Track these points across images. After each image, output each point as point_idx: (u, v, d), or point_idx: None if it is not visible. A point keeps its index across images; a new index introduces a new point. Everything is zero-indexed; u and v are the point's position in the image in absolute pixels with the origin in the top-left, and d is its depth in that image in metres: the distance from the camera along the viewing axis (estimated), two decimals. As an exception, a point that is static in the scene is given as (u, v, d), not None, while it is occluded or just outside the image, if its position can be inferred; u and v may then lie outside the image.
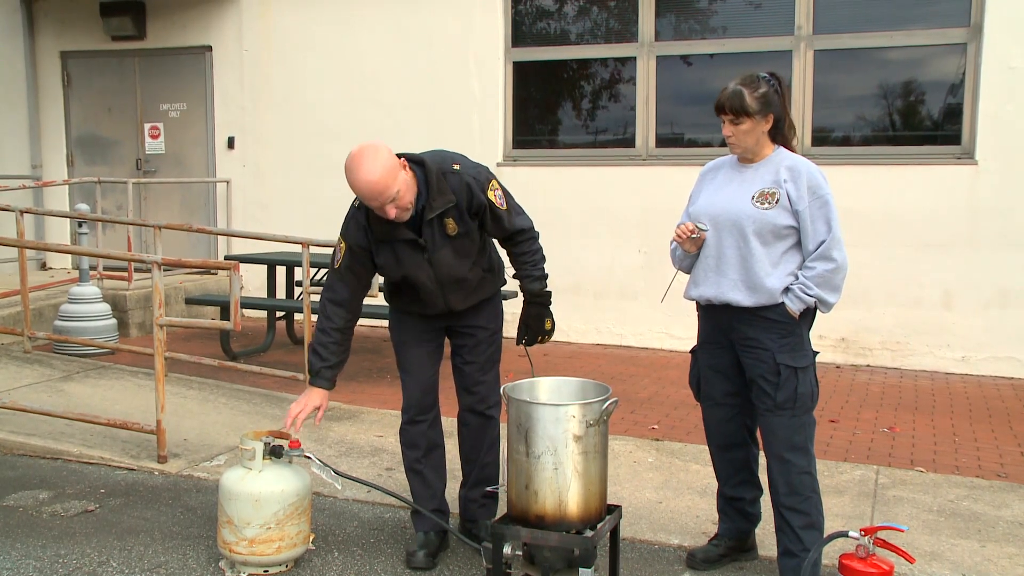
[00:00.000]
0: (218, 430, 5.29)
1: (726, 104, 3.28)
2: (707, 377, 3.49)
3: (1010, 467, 4.82)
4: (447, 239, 3.33)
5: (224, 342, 7.18)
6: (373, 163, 3.09)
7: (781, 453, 3.27)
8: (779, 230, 3.23)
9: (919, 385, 6.73)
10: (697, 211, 3.44)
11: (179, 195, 9.70)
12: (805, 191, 3.22)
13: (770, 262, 3.24)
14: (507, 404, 2.95)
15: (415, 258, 3.34)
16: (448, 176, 3.31)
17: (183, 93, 9.55)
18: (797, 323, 3.25)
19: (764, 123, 3.28)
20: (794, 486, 3.26)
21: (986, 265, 7.01)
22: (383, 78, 8.53)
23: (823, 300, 3.22)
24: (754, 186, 3.30)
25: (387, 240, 3.33)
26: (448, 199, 3.27)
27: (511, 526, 2.92)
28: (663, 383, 6.68)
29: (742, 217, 3.26)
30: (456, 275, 3.40)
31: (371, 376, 6.79)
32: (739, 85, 3.30)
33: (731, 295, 3.29)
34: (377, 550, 3.74)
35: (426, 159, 3.31)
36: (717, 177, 3.47)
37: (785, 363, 3.22)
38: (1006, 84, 6.91)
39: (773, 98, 3.29)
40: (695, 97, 8.05)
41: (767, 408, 3.27)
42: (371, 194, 3.11)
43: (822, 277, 3.20)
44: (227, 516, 3.42)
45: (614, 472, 4.54)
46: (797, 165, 3.27)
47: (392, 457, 4.84)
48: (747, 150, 3.33)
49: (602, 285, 7.95)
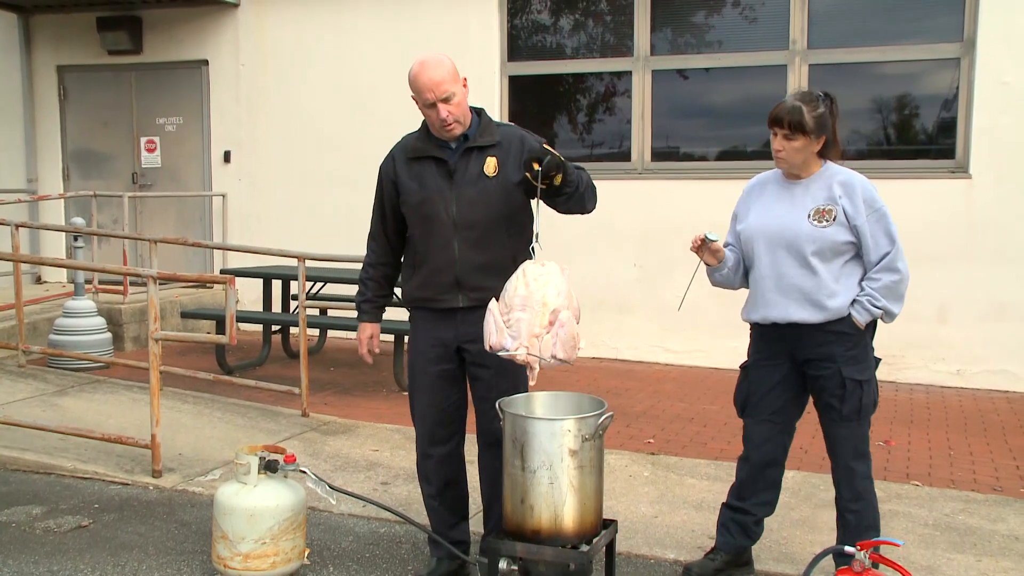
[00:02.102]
0: (213, 444, 5.28)
1: (785, 118, 3.26)
2: (757, 394, 3.48)
3: (1005, 481, 4.82)
4: (482, 178, 3.28)
5: (220, 356, 7.17)
6: (437, 63, 3.21)
7: (847, 462, 3.36)
8: (838, 247, 3.27)
9: (914, 399, 6.73)
10: (749, 231, 3.43)
11: (175, 209, 9.71)
12: (862, 205, 3.25)
13: (832, 278, 3.28)
14: (503, 418, 2.95)
15: (439, 184, 3.29)
16: (501, 125, 3.41)
17: (179, 107, 9.57)
18: (863, 334, 3.30)
19: (816, 143, 3.29)
20: (858, 492, 3.37)
21: (981, 279, 7.03)
22: (380, 92, 8.56)
23: (888, 311, 3.28)
24: (808, 204, 3.30)
25: (419, 157, 3.34)
26: (493, 138, 3.31)
27: (506, 541, 2.92)
28: (659, 397, 6.68)
29: (799, 237, 3.28)
30: (476, 220, 3.26)
31: (367, 390, 6.79)
32: (798, 101, 3.27)
33: (798, 314, 3.30)
34: (372, 565, 3.73)
35: (484, 111, 3.43)
36: (764, 194, 3.46)
37: (851, 376, 3.28)
38: (999, 99, 6.95)
39: (827, 120, 3.29)
40: (691, 111, 8.09)
41: (833, 419, 3.35)
42: (430, 84, 3.18)
43: (888, 288, 3.25)
44: (222, 531, 3.42)
45: (610, 486, 4.53)
46: (850, 180, 3.30)
47: (388, 471, 4.84)
48: (794, 166, 3.34)
49: (598, 298, 7.95)
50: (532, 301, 2.89)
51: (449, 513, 3.52)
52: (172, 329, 8.06)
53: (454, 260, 3.29)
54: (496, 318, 2.90)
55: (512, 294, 2.93)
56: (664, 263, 7.87)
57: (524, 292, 2.91)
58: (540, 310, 2.88)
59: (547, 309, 2.88)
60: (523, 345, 2.85)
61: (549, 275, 2.94)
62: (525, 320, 2.87)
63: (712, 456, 5.19)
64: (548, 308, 2.88)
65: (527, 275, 2.95)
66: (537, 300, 2.89)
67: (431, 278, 3.35)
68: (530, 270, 2.96)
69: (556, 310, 2.86)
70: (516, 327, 2.87)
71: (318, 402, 6.27)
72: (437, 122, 3.24)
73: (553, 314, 2.86)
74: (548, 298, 2.89)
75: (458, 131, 3.28)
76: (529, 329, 2.86)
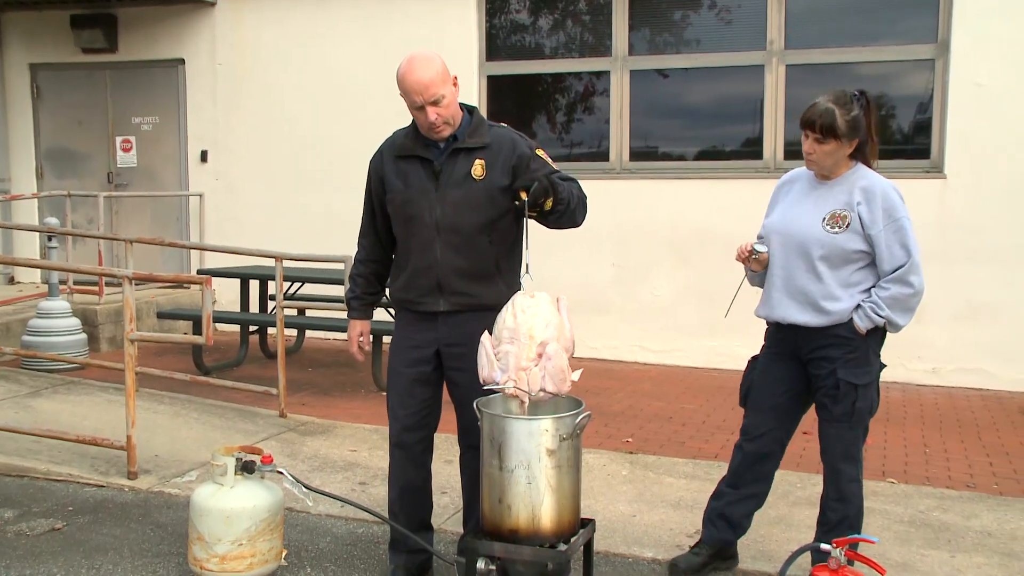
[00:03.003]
0: (189, 445, 5.25)
1: (817, 121, 3.18)
2: (760, 385, 3.51)
3: (979, 477, 4.87)
4: (468, 180, 3.21)
5: (197, 357, 7.13)
6: (427, 63, 3.13)
7: (835, 462, 3.37)
8: (848, 255, 3.23)
9: (890, 397, 6.78)
10: (770, 227, 3.43)
11: (151, 209, 9.64)
12: (880, 214, 3.19)
13: (839, 285, 3.25)
14: (480, 418, 2.95)
15: (424, 184, 3.24)
16: (492, 126, 3.32)
17: (155, 106, 9.50)
18: (864, 340, 3.27)
19: (848, 147, 3.23)
20: (843, 493, 3.37)
21: (955, 279, 7.09)
22: (358, 92, 8.53)
23: (893, 322, 3.24)
24: (826, 206, 3.26)
25: (406, 155, 3.29)
26: (483, 140, 3.24)
27: (484, 540, 2.92)
28: (637, 396, 6.70)
29: (809, 241, 3.25)
30: (459, 224, 3.21)
31: (345, 390, 6.77)
32: (831, 103, 3.18)
33: (798, 317, 3.30)
34: (350, 566, 3.72)
35: (477, 109, 3.36)
36: (792, 191, 3.43)
37: (845, 379, 3.26)
38: (974, 100, 7.02)
39: (861, 123, 3.21)
40: (669, 111, 8.12)
41: (824, 419, 3.36)
42: (418, 87, 3.10)
43: (895, 299, 3.22)
44: (198, 532, 3.39)
45: (588, 485, 4.54)
46: (872, 186, 3.23)
47: (366, 472, 4.82)
48: (824, 168, 3.29)
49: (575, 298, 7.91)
50: (519, 334, 2.88)
51: (406, 519, 3.46)
52: (149, 330, 8.01)
53: (436, 263, 3.26)
54: (488, 351, 2.90)
55: (501, 326, 2.93)
56: (642, 263, 7.90)
57: (512, 324, 2.90)
58: (527, 343, 2.87)
59: (534, 342, 2.87)
60: (511, 379, 2.85)
61: (538, 307, 2.92)
62: (513, 353, 2.87)
63: (690, 455, 5.22)
64: (535, 341, 2.87)
65: (516, 307, 2.93)
66: (524, 332, 2.88)
67: (413, 280, 3.32)
68: (519, 302, 2.95)
69: (544, 342, 2.86)
70: (504, 360, 2.87)
71: (296, 403, 6.24)
72: (425, 124, 3.19)
73: (540, 346, 2.85)
74: (535, 330, 2.88)
75: (447, 133, 3.23)
76: (516, 362, 2.86)
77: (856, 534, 3.36)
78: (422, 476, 3.50)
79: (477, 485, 3.17)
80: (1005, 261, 6.99)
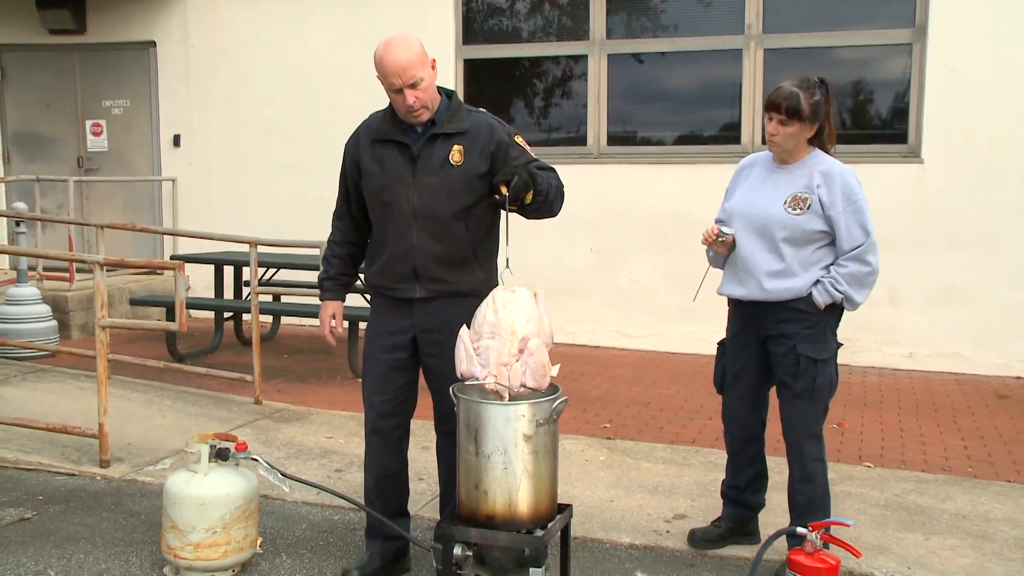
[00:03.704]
0: (163, 433, 5.21)
1: (782, 103, 3.32)
2: (733, 369, 3.61)
3: (954, 461, 4.93)
4: (446, 166, 3.19)
5: (170, 343, 7.07)
6: (405, 45, 3.10)
7: (798, 440, 3.46)
8: (810, 235, 3.35)
9: (867, 381, 6.85)
10: (731, 210, 3.54)
11: (123, 194, 9.53)
12: (839, 197, 3.32)
13: (800, 263, 3.37)
14: (456, 403, 2.94)
15: (401, 170, 3.21)
16: (471, 112, 3.29)
17: (126, 89, 9.38)
18: (822, 315, 3.39)
19: (809, 130, 3.37)
20: (808, 473, 3.46)
21: (931, 263, 7.16)
22: (334, 76, 8.47)
23: (851, 298, 3.37)
24: (787, 190, 3.39)
25: (383, 140, 3.26)
26: (461, 125, 3.21)
27: (460, 527, 2.92)
28: (615, 381, 6.72)
29: (772, 222, 3.37)
30: (436, 210, 3.19)
31: (321, 377, 6.74)
32: (795, 87, 3.33)
33: (759, 294, 3.42)
34: (327, 553, 3.71)
35: (456, 93, 3.32)
36: (751, 176, 3.55)
37: (806, 354, 3.37)
38: (950, 85, 7.07)
39: (822, 108, 3.36)
40: (647, 95, 8.12)
41: (786, 397, 3.45)
42: (397, 69, 3.07)
43: (853, 276, 3.34)
44: (172, 521, 3.37)
45: (566, 471, 4.55)
46: (831, 170, 3.36)
47: (342, 458, 4.81)
48: (786, 152, 3.41)
49: (553, 283, 7.96)
50: (500, 329, 2.88)
51: (383, 506, 3.45)
52: (121, 317, 7.93)
53: (412, 249, 3.24)
54: (467, 346, 2.89)
55: (481, 321, 2.92)
56: (620, 248, 7.91)
57: (493, 319, 2.90)
58: (509, 338, 2.87)
59: (516, 337, 2.87)
60: (491, 374, 2.85)
61: (519, 302, 2.92)
62: (494, 348, 2.86)
63: (668, 440, 5.24)
64: (517, 336, 2.87)
65: (496, 302, 2.93)
66: (506, 328, 2.87)
67: (389, 266, 3.30)
68: (499, 296, 2.94)
69: (525, 338, 2.86)
70: (485, 355, 2.87)
71: (271, 389, 6.21)
72: (403, 108, 3.15)
73: (522, 342, 2.85)
74: (517, 326, 2.88)
75: (425, 117, 3.20)
76: (498, 358, 2.86)
77: (824, 514, 3.41)
78: (398, 463, 3.49)
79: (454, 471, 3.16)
80: (981, 245, 7.06)
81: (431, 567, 3.38)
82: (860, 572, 3.54)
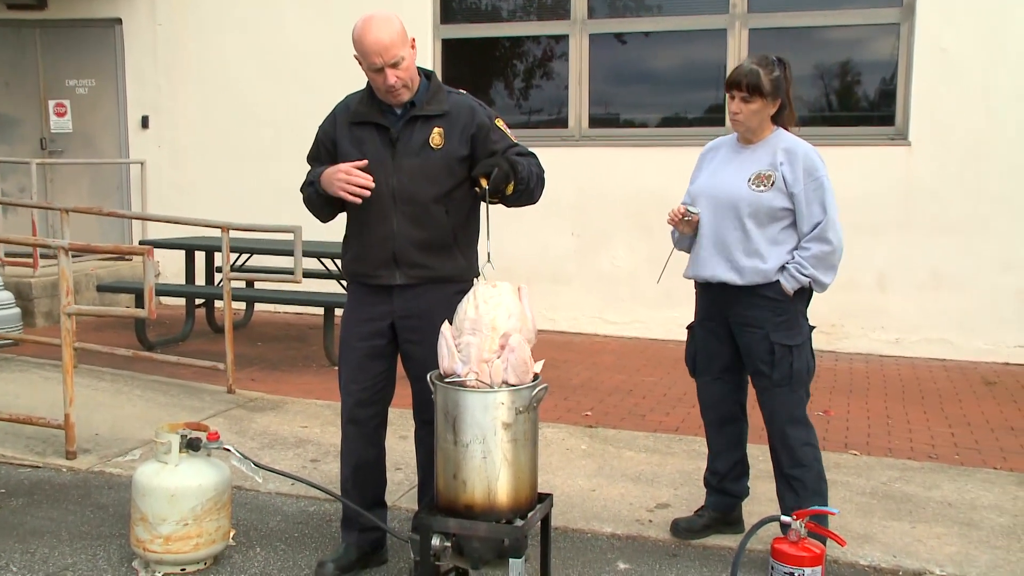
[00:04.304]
0: (132, 423, 5.18)
1: (743, 80, 3.40)
2: (704, 353, 3.66)
3: (941, 448, 4.98)
4: (426, 149, 3.18)
5: (139, 331, 7.03)
6: (386, 23, 3.09)
7: (783, 428, 3.49)
8: (774, 212, 3.41)
9: (854, 368, 6.90)
10: (696, 191, 3.61)
11: (89, 177, 9.44)
12: (801, 173, 3.39)
13: (766, 242, 3.42)
14: (434, 391, 2.94)
15: (380, 153, 3.19)
16: (451, 93, 3.29)
17: (91, 68, 9.27)
18: (792, 301, 3.44)
19: (772, 106, 3.44)
20: (797, 458, 3.49)
21: (919, 248, 7.21)
22: (308, 56, 8.41)
23: (818, 280, 3.41)
24: (751, 168, 3.46)
25: (361, 122, 3.24)
26: (441, 107, 3.21)
27: (439, 517, 2.92)
28: (597, 369, 6.74)
29: (737, 199, 3.43)
30: (416, 194, 3.18)
31: (296, 365, 6.72)
32: (755, 64, 3.41)
33: (726, 275, 3.47)
34: (301, 544, 3.70)
35: (435, 74, 3.31)
36: (716, 157, 3.63)
37: (779, 342, 3.42)
38: (938, 66, 7.09)
39: (782, 84, 3.44)
40: (630, 76, 8.11)
41: (764, 387, 3.49)
42: (378, 48, 3.04)
43: (817, 258, 3.39)
44: (141, 513, 3.36)
45: (547, 460, 4.57)
46: (794, 147, 3.44)
47: (317, 448, 4.80)
48: (749, 130, 3.49)
49: (534, 269, 7.97)
50: (481, 325, 2.87)
51: (359, 496, 3.44)
52: (88, 304, 7.87)
53: (392, 235, 3.22)
54: (448, 342, 2.89)
55: (462, 317, 2.91)
56: (602, 232, 7.92)
57: (474, 315, 2.89)
58: (490, 334, 2.87)
59: (497, 333, 2.87)
60: (473, 371, 2.85)
61: (500, 297, 2.92)
62: (475, 344, 2.86)
63: (651, 428, 5.26)
64: (498, 332, 2.87)
65: (477, 297, 2.92)
66: (487, 324, 2.87)
67: (367, 252, 3.28)
68: (480, 292, 2.94)
69: (507, 334, 2.85)
70: (466, 351, 2.86)
71: (244, 378, 6.19)
72: (383, 87, 3.14)
73: (504, 338, 2.85)
74: (498, 322, 2.87)
75: (405, 97, 3.18)
76: (478, 354, 2.86)
77: (822, 499, 3.45)
78: (375, 452, 3.49)
79: (432, 461, 3.16)
80: (970, 230, 7.10)
81: (408, 558, 3.38)
82: (845, 561, 3.57)
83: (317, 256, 6.89)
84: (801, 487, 3.48)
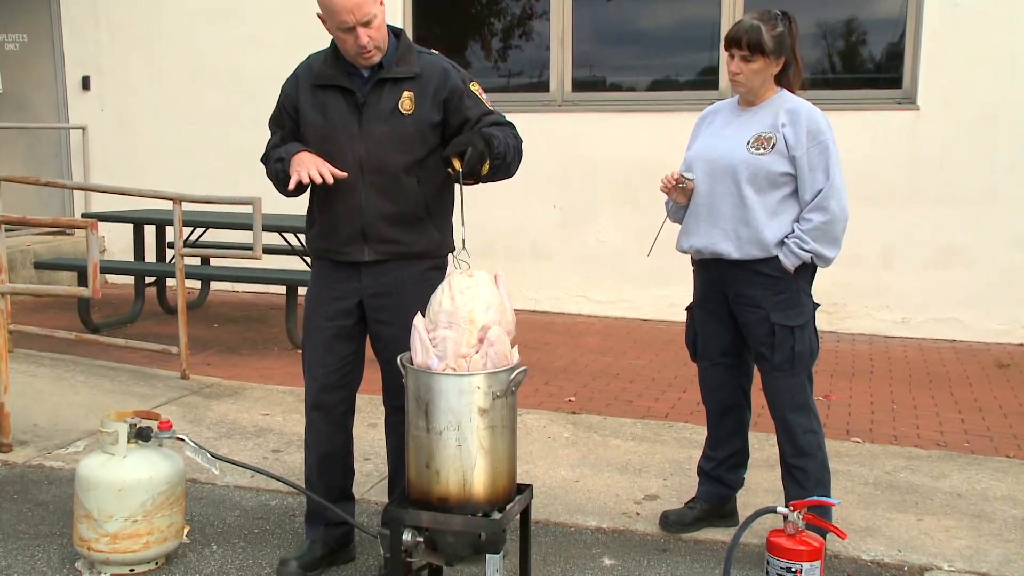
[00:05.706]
0: (76, 412, 5.16)
1: (743, 38, 3.35)
2: (704, 336, 3.67)
3: (950, 435, 5.03)
4: (395, 115, 3.16)
5: (83, 312, 6.98)
6: None
7: (784, 414, 3.51)
8: (774, 177, 3.38)
9: (856, 350, 6.95)
10: (692, 156, 3.59)
11: (23, 143, 9.34)
12: (804, 136, 3.36)
13: (765, 211, 3.40)
14: (405, 374, 2.94)
15: (345, 118, 3.18)
16: (422, 53, 3.26)
17: (22, 22, 9.13)
18: (793, 278, 3.42)
19: (775, 65, 3.42)
20: (800, 446, 3.51)
21: (927, 220, 7.25)
22: (267, 16, 8.33)
23: (821, 255, 3.39)
24: (751, 130, 3.44)
25: (325, 85, 3.21)
26: (411, 69, 3.19)
27: (410, 510, 2.92)
28: (581, 351, 6.76)
29: (735, 163, 3.41)
30: (385, 163, 3.16)
31: (256, 348, 6.70)
32: (756, 20, 3.37)
33: (721, 246, 3.45)
34: (262, 541, 3.70)
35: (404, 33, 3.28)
36: (715, 121, 3.61)
37: (780, 323, 3.42)
38: (949, 22, 7.09)
39: (786, 40, 3.41)
40: (616, 37, 8.08)
41: (765, 370, 3.51)
42: (348, 6, 3.00)
43: (819, 230, 3.35)
44: (85, 509, 3.34)
45: (527, 449, 4.58)
46: (798, 108, 3.40)
47: (279, 438, 4.80)
48: (751, 91, 3.46)
49: (513, 244, 7.97)
50: (458, 318, 2.86)
51: (325, 489, 3.44)
52: (24, 282, 7.80)
53: (360, 208, 3.21)
54: (422, 335, 2.87)
55: (437, 309, 2.89)
56: (587, 205, 7.92)
57: (450, 307, 2.87)
58: (467, 327, 2.85)
59: (475, 326, 2.85)
60: (449, 367, 2.84)
61: (477, 287, 2.90)
62: (451, 339, 2.85)
63: (638, 415, 5.29)
64: (476, 325, 2.85)
65: (453, 288, 2.91)
66: (464, 316, 2.86)
67: (334, 227, 3.27)
68: (456, 282, 2.92)
69: (485, 327, 2.84)
70: (442, 346, 2.85)
71: (200, 362, 6.17)
72: (353, 49, 3.10)
73: (482, 331, 2.84)
74: (476, 314, 2.86)
75: (377, 58, 3.16)
76: (456, 349, 2.84)
77: (824, 490, 3.48)
78: (342, 441, 3.49)
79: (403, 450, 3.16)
80: (981, 201, 7.14)
81: (378, 555, 3.40)
82: (846, 555, 3.60)
83: (278, 230, 6.86)
84: (805, 478, 3.50)
